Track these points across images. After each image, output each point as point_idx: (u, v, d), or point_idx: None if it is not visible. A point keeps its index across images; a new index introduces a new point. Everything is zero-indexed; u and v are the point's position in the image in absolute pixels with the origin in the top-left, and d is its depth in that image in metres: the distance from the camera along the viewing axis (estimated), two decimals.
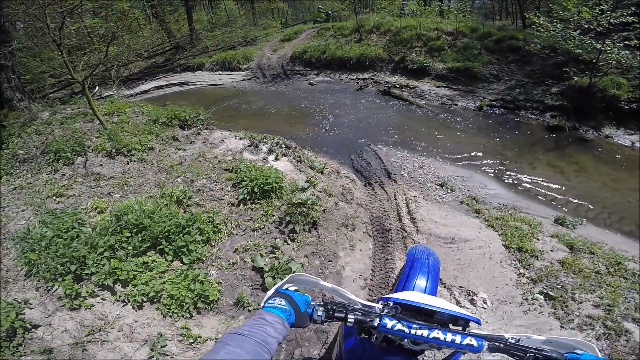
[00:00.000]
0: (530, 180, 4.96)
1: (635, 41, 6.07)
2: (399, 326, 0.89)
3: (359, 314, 0.93)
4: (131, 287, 2.62)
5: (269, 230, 3.14)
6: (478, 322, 0.96)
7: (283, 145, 4.70)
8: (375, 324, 0.91)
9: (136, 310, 2.57)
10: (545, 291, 2.85)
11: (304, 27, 14.80)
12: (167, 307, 2.52)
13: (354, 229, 3.54)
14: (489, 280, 2.98)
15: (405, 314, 0.95)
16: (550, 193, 4.70)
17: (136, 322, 2.50)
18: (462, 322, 0.96)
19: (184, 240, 2.75)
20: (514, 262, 3.21)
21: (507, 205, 4.28)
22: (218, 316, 2.60)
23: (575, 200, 4.54)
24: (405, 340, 0.95)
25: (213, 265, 2.90)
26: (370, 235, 3.63)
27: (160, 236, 2.78)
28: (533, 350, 0.87)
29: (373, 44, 10.51)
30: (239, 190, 3.42)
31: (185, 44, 14.45)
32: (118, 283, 2.66)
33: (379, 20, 11.46)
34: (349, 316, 0.91)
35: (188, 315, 2.54)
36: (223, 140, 4.72)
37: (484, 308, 2.78)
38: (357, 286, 2.92)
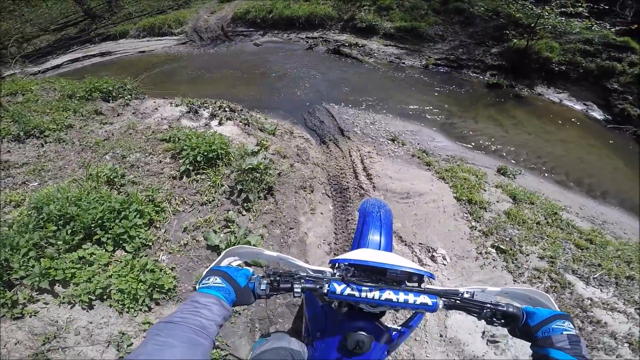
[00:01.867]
0: (474, 133, 5.25)
1: (571, 9, 6.52)
2: (348, 290, 0.86)
3: (308, 281, 0.88)
4: (73, 286, 2.27)
5: (219, 202, 2.89)
6: (432, 277, 0.93)
7: (227, 109, 4.29)
8: (325, 291, 0.87)
9: (87, 311, 2.26)
10: (496, 244, 3.00)
11: None
12: (120, 302, 2.25)
13: (312, 191, 3.44)
14: (446, 235, 3.11)
15: (359, 274, 0.91)
16: (492, 144, 5.03)
17: (91, 323, 2.22)
18: (417, 278, 0.93)
19: (122, 226, 2.41)
20: (466, 215, 3.38)
21: (455, 157, 4.50)
22: (179, 304, 2.39)
23: (514, 149, 4.92)
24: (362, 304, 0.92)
25: (162, 250, 2.62)
26: (329, 196, 3.57)
27: (93, 225, 2.40)
28: (489, 305, 0.86)
29: (322, 2, 10.04)
30: (180, 161, 3.04)
31: (102, 12, 12.36)
32: (57, 284, 2.30)
33: None
34: (295, 286, 0.86)
35: (146, 309, 2.29)
36: (156, 109, 4.17)
37: (444, 264, 2.86)
38: (322, 252, 2.87)
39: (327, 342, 0.99)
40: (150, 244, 2.60)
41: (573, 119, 6.02)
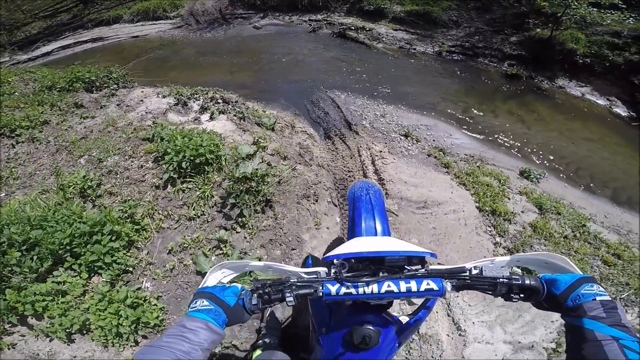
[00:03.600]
0: (493, 128, 4.83)
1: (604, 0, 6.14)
2: (343, 290, 0.81)
3: (301, 287, 0.82)
4: (47, 319, 1.97)
5: (210, 216, 2.49)
6: (433, 256, 0.87)
7: (220, 100, 3.80)
8: (320, 294, 0.81)
9: (68, 344, 1.99)
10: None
11: None
12: (102, 337, 1.94)
13: (317, 200, 3.03)
14: (467, 253, 2.75)
15: (357, 266, 0.85)
16: (513, 142, 4.61)
17: (75, 357, 1.97)
18: (417, 260, 0.86)
19: (95, 252, 2.05)
20: (489, 229, 3.03)
21: (474, 156, 4.10)
22: None
23: (536, 148, 4.51)
24: None
25: (145, 275, 2.27)
26: (335, 205, 3.18)
27: (61, 250, 2.04)
28: (503, 280, 0.78)
29: None
30: (163, 167, 2.60)
31: None
32: (29, 317, 1.99)
33: None
34: (286, 294, 0.81)
35: (132, 343, 1.99)
36: (142, 101, 3.70)
37: None
38: None
39: (334, 338, 0.94)
40: (131, 269, 2.25)
41: (596, 115, 5.59)
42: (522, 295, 0.78)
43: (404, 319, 1.04)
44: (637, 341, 0.60)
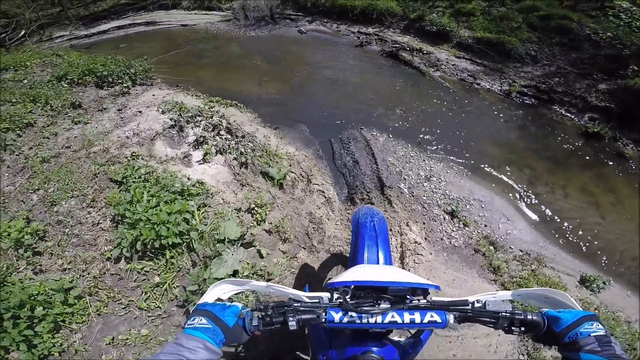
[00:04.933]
0: (561, 215, 3.81)
1: None
2: (347, 318, 0.80)
3: (304, 312, 0.80)
4: None
5: (167, 312, 1.94)
6: (437, 288, 0.86)
7: (223, 132, 3.10)
8: (323, 320, 0.80)
9: None
10: None
11: None
12: None
13: None
14: None
15: (359, 294, 0.84)
16: (581, 235, 3.63)
17: None
18: (420, 292, 0.85)
19: (6, 337, 1.56)
20: (522, 357, 2.30)
21: (530, 254, 3.22)
22: None
23: (606, 247, 3.54)
24: None
25: None
26: None
27: None
28: (506, 314, 0.79)
29: None
30: (116, 238, 1.99)
31: None
32: None
33: None
34: (289, 319, 0.78)
35: None
36: (140, 112, 3.20)
37: None
38: None
39: None
40: (57, 354, 1.75)
41: None
42: (522, 329, 0.79)
43: (406, 342, 1.01)
44: None
